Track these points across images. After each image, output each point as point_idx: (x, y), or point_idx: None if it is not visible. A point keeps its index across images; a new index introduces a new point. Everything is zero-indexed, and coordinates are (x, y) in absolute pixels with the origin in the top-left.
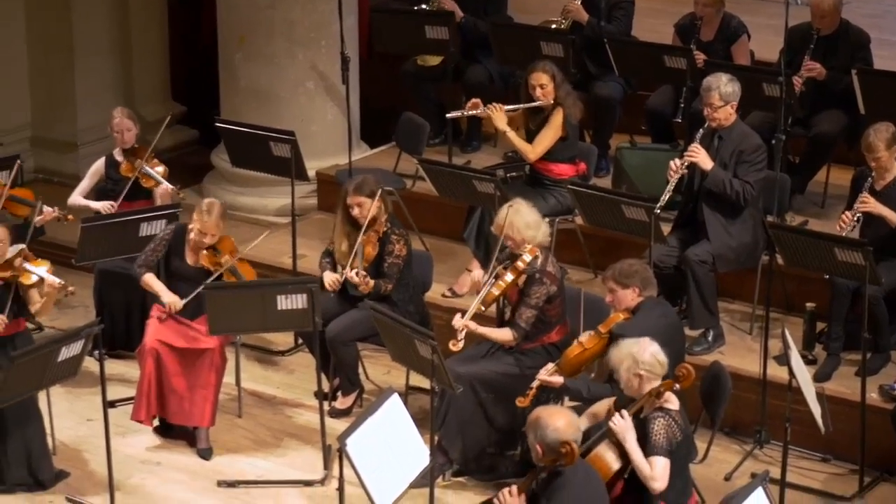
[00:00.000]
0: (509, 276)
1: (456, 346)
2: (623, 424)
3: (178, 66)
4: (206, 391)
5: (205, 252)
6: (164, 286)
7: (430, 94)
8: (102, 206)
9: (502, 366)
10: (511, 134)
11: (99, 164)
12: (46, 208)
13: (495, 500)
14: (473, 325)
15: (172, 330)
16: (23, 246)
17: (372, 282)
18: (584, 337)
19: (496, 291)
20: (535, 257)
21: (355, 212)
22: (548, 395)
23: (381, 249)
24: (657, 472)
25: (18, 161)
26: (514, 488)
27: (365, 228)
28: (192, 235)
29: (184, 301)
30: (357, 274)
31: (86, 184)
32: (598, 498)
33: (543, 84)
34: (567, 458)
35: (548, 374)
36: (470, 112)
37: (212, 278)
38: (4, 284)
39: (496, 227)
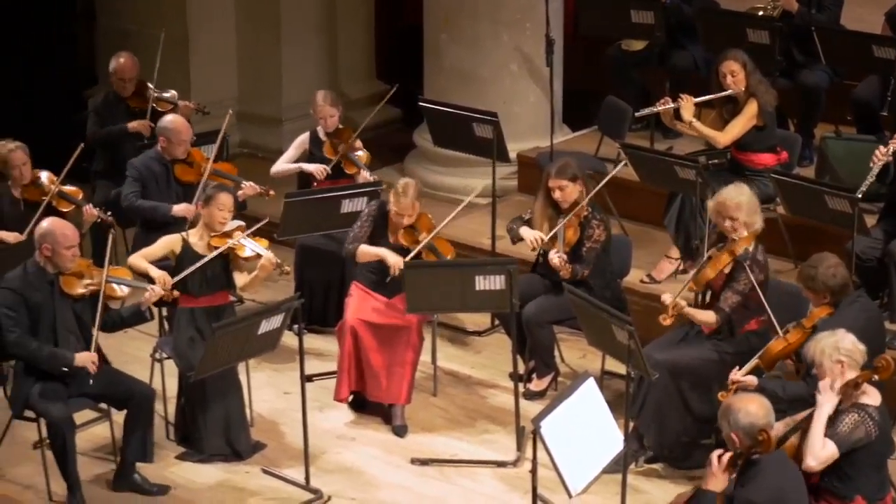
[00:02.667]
0: (725, 258)
1: (667, 321)
2: (828, 395)
3: (382, 45)
4: (402, 369)
5: (402, 231)
6: (381, 248)
7: (633, 79)
8: (316, 168)
9: (700, 352)
10: (697, 123)
11: (304, 138)
12: (248, 183)
13: (707, 467)
14: (683, 303)
15: (371, 307)
16: (241, 223)
17: (570, 266)
18: (789, 331)
19: (711, 273)
20: (750, 245)
21: (557, 195)
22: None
23: (582, 234)
24: (823, 453)
25: (227, 117)
26: (726, 458)
27: (566, 212)
28: (391, 216)
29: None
30: (558, 258)
31: (290, 154)
32: (795, 486)
33: (734, 72)
34: (763, 445)
35: (743, 374)
36: (660, 108)
37: (410, 256)
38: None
39: (718, 206)
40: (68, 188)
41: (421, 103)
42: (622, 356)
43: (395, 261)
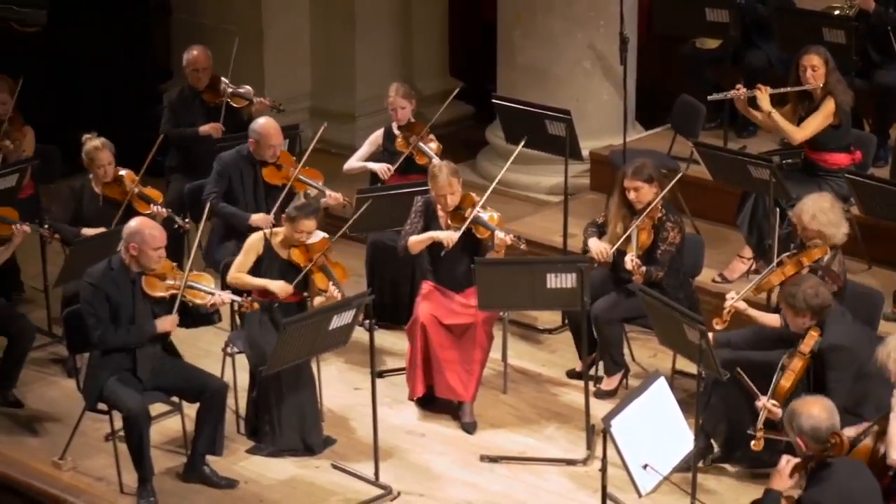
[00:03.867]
0: (790, 269)
1: (720, 324)
2: None
3: (456, 41)
4: (470, 367)
5: (450, 215)
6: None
7: (707, 77)
8: (380, 167)
9: (768, 355)
10: (776, 115)
11: (378, 134)
12: (332, 194)
13: (775, 471)
14: (742, 306)
15: (442, 305)
16: (325, 235)
17: (644, 269)
18: (785, 366)
19: (775, 280)
20: (824, 256)
21: (631, 196)
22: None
23: (656, 236)
24: None
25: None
26: (794, 462)
27: (640, 214)
28: (435, 202)
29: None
30: (632, 261)
31: (363, 151)
32: (868, 489)
33: (815, 66)
34: (836, 448)
35: (767, 409)
36: (733, 94)
37: (459, 233)
38: (294, 266)
39: (795, 215)
40: (148, 190)
41: (494, 100)
42: (693, 356)
43: (445, 235)
